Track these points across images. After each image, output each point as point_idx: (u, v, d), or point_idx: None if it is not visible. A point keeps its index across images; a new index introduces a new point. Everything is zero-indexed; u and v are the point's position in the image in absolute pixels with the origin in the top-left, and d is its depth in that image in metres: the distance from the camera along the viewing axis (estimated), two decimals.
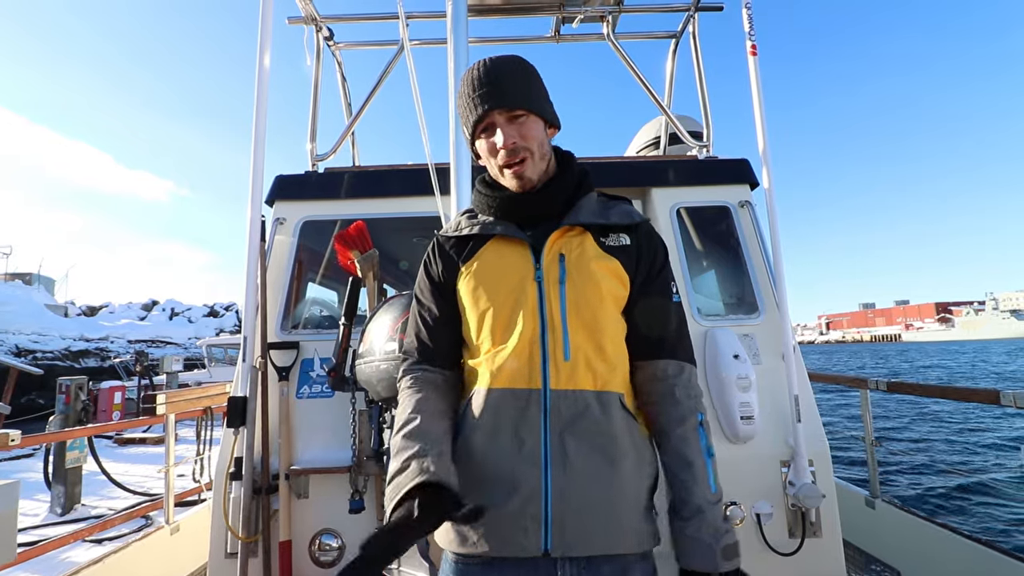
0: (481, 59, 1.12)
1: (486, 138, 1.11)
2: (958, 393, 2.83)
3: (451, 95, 2.17)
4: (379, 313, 1.96)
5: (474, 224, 1.15)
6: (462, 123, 1.16)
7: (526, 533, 0.94)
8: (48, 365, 19.58)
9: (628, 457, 1.00)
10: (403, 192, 2.69)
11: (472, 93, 1.09)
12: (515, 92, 1.08)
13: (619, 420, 1.01)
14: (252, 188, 2.25)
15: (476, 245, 1.13)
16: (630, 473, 1.00)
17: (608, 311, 1.05)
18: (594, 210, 1.13)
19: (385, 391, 1.87)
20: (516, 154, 1.07)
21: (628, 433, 1.02)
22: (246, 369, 2.19)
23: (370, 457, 2.11)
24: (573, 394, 0.99)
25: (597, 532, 0.95)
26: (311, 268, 2.86)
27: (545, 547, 0.93)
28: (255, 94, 2.32)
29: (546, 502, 0.94)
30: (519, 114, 1.08)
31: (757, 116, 2.50)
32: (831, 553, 2.18)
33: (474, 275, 1.09)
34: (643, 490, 1.02)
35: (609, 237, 1.11)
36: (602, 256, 1.07)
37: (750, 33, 2.54)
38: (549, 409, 0.99)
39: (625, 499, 0.98)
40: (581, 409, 0.99)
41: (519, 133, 1.07)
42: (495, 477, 0.98)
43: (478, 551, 0.96)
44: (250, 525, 2.11)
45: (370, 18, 3.27)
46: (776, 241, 2.42)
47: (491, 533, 0.96)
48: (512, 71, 1.10)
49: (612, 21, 3.17)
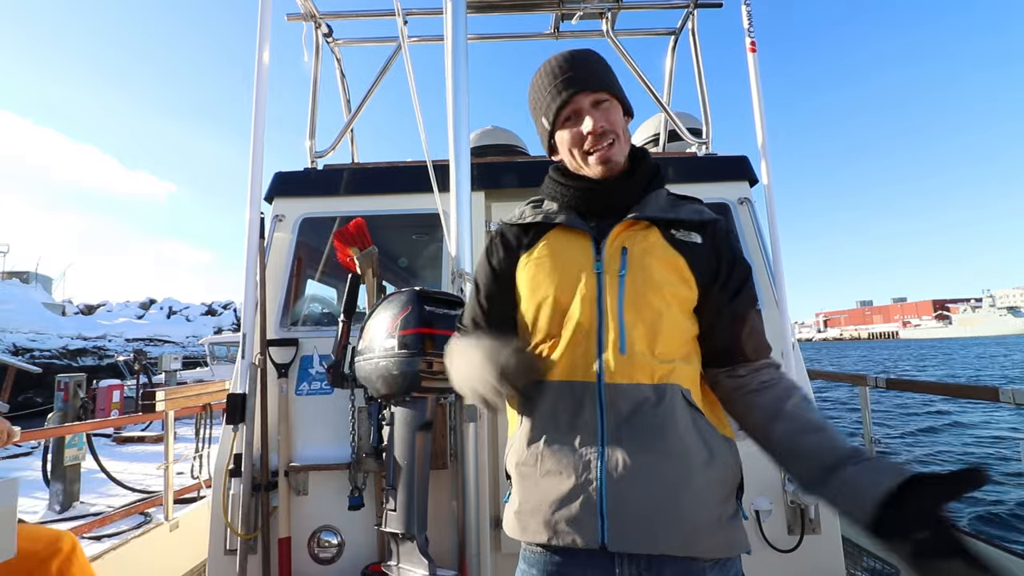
0: (557, 53, 1.12)
1: (570, 127, 1.08)
2: (957, 390, 2.84)
3: (450, 91, 2.17)
4: (378, 310, 1.96)
5: (538, 213, 1.14)
6: (538, 117, 1.13)
7: (582, 525, 0.93)
8: (45, 363, 19.55)
9: (694, 454, 0.95)
10: (402, 189, 2.68)
11: (553, 80, 1.08)
12: (598, 76, 1.08)
13: (682, 414, 0.97)
14: (251, 185, 2.25)
15: (538, 234, 1.12)
16: (697, 471, 0.94)
17: (670, 306, 1.01)
18: (663, 205, 1.09)
19: (384, 388, 1.87)
20: (605, 137, 1.05)
21: (695, 429, 0.97)
22: (245, 366, 2.19)
23: (369, 454, 2.11)
24: (630, 387, 0.97)
25: (658, 530, 0.91)
26: (310, 265, 2.86)
27: (602, 540, 0.91)
28: (254, 91, 2.31)
29: (601, 495, 0.92)
30: (604, 98, 1.07)
31: (756, 113, 2.50)
32: (830, 550, 2.19)
33: (533, 264, 1.08)
34: (717, 491, 0.96)
35: (679, 232, 1.07)
36: (668, 251, 1.04)
37: (749, 30, 2.54)
38: (605, 402, 0.97)
39: (691, 498, 0.92)
40: (638, 402, 0.96)
41: (606, 118, 1.06)
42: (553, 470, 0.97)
43: (538, 540, 0.97)
44: (249, 522, 2.11)
45: (369, 15, 3.26)
46: (775, 238, 2.42)
47: (550, 523, 0.95)
48: (590, 57, 1.10)
49: (611, 18, 3.16)
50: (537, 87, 1.12)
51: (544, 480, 0.98)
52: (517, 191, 2.66)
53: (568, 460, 0.96)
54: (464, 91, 2.17)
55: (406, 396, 1.89)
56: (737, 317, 1.05)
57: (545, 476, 0.98)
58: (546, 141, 1.15)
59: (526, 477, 1.00)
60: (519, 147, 3.87)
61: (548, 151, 1.17)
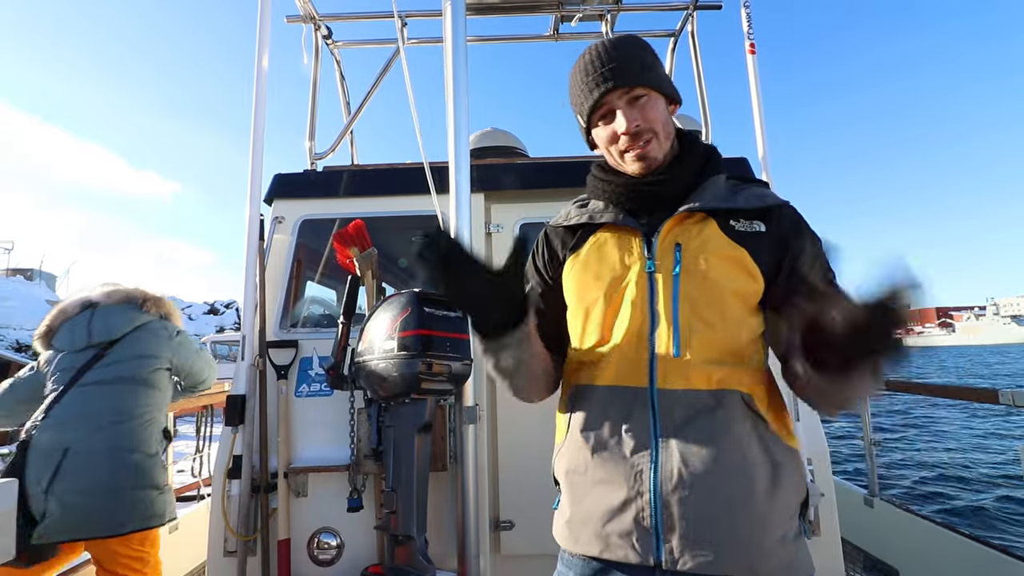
0: (593, 44, 1.03)
1: (604, 125, 1.02)
2: (957, 392, 2.84)
3: (449, 93, 2.17)
4: (378, 312, 1.96)
5: (583, 213, 1.08)
6: (576, 112, 1.06)
7: (636, 541, 0.87)
8: None
9: (756, 465, 0.88)
10: (402, 191, 2.68)
11: (586, 78, 1.00)
12: (633, 69, 0.98)
13: (742, 423, 0.90)
14: (251, 187, 2.25)
15: (584, 235, 1.06)
16: (760, 485, 0.87)
17: (730, 305, 0.93)
18: (720, 194, 1.00)
19: (384, 389, 1.87)
20: (640, 137, 0.98)
21: (757, 439, 0.90)
22: (245, 367, 2.19)
23: (368, 456, 2.11)
24: (685, 394, 0.90)
25: (717, 550, 0.84)
26: (310, 267, 2.86)
27: (657, 557, 0.86)
28: (254, 93, 2.32)
29: (656, 509, 0.87)
30: (640, 93, 0.98)
31: (756, 114, 2.50)
32: (830, 552, 2.18)
33: (580, 266, 1.03)
34: (781, 508, 0.89)
35: (739, 223, 0.97)
36: (727, 245, 0.95)
37: (749, 32, 2.54)
38: (658, 409, 0.91)
39: (752, 516, 0.86)
40: (695, 409, 0.90)
41: (642, 116, 0.98)
42: (604, 479, 0.92)
43: (589, 552, 0.92)
44: (249, 523, 2.11)
45: (368, 17, 3.26)
46: None
47: (601, 535, 0.90)
48: (627, 48, 1.01)
49: (611, 20, 3.17)
50: (573, 82, 1.05)
51: (595, 489, 0.93)
52: (517, 193, 2.66)
53: (619, 469, 0.91)
54: (464, 93, 2.17)
55: (406, 398, 1.89)
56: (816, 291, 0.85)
57: (596, 485, 0.93)
58: (584, 137, 1.09)
59: (576, 486, 0.96)
60: (519, 149, 3.87)
61: (588, 146, 1.11)
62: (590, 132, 1.06)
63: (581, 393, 1.00)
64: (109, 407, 1.99)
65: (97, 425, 1.95)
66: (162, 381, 2.17)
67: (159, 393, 2.14)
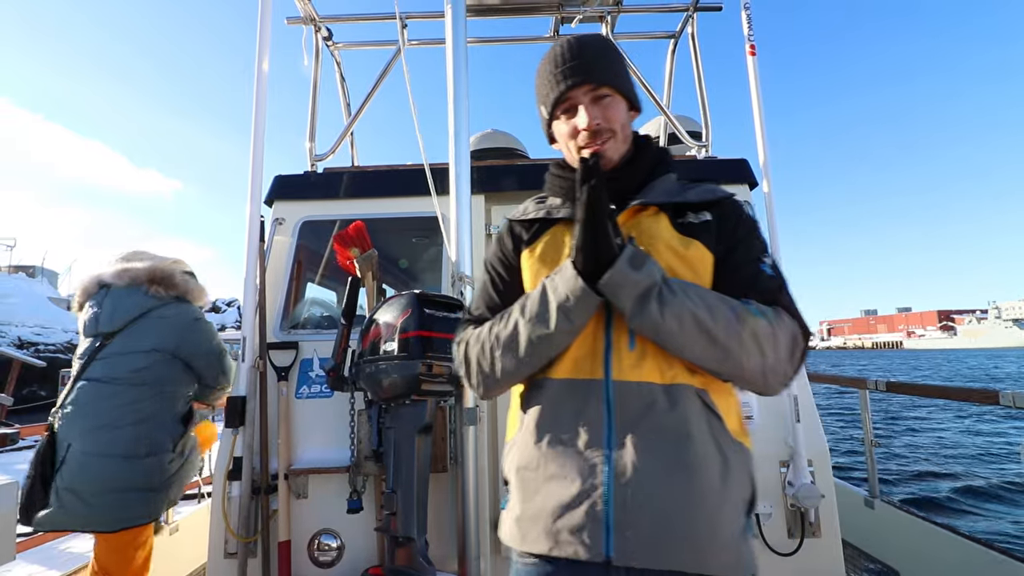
0: (564, 37, 1.07)
1: (566, 120, 1.04)
2: (957, 393, 2.83)
3: (450, 95, 2.17)
4: (378, 313, 1.96)
5: (541, 208, 1.11)
6: (539, 103, 1.09)
7: (587, 536, 0.86)
8: (50, 357, 19.52)
9: (709, 461, 0.89)
10: (402, 192, 2.68)
11: (554, 69, 1.02)
12: (601, 68, 1.02)
13: (696, 418, 0.90)
14: (251, 188, 2.25)
15: (541, 229, 1.09)
16: (712, 481, 0.88)
17: None
18: (669, 189, 1.04)
19: (384, 391, 1.87)
20: (599, 135, 1.01)
21: (710, 434, 0.90)
22: (245, 369, 2.19)
23: (369, 457, 2.11)
24: (639, 386, 0.91)
25: (668, 544, 0.84)
26: (310, 268, 2.86)
27: (607, 553, 0.85)
28: (254, 94, 2.32)
29: (608, 503, 0.86)
30: (605, 93, 1.02)
31: (756, 116, 2.50)
32: (830, 553, 2.18)
33: (537, 260, 1.05)
34: (731, 504, 0.90)
35: (688, 216, 1.00)
36: (677, 238, 0.98)
37: (749, 34, 2.54)
38: (613, 402, 0.91)
39: (704, 511, 0.86)
40: (648, 403, 0.90)
41: (603, 115, 1.01)
42: (556, 474, 0.91)
43: (537, 550, 0.91)
44: (249, 525, 2.11)
45: (369, 18, 3.27)
46: (775, 241, 2.42)
47: (551, 532, 0.89)
48: (597, 47, 1.04)
49: (611, 21, 3.17)
50: (540, 73, 1.07)
51: (547, 485, 0.92)
52: (517, 194, 2.66)
53: (573, 464, 0.90)
54: (464, 94, 2.17)
55: (406, 399, 1.89)
56: (731, 279, 0.96)
57: (548, 481, 0.92)
58: (545, 129, 1.12)
59: (527, 482, 0.95)
60: (519, 150, 3.87)
61: (548, 139, 1.14)
62: (551, 124, 1.09)
63: (536, 387, 1.00)
64: (104, 407, 2.00)
65: (93, 425, 1.97)
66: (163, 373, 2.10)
67: (157, 388, 2.08)
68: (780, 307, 0.94)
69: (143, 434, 2.02)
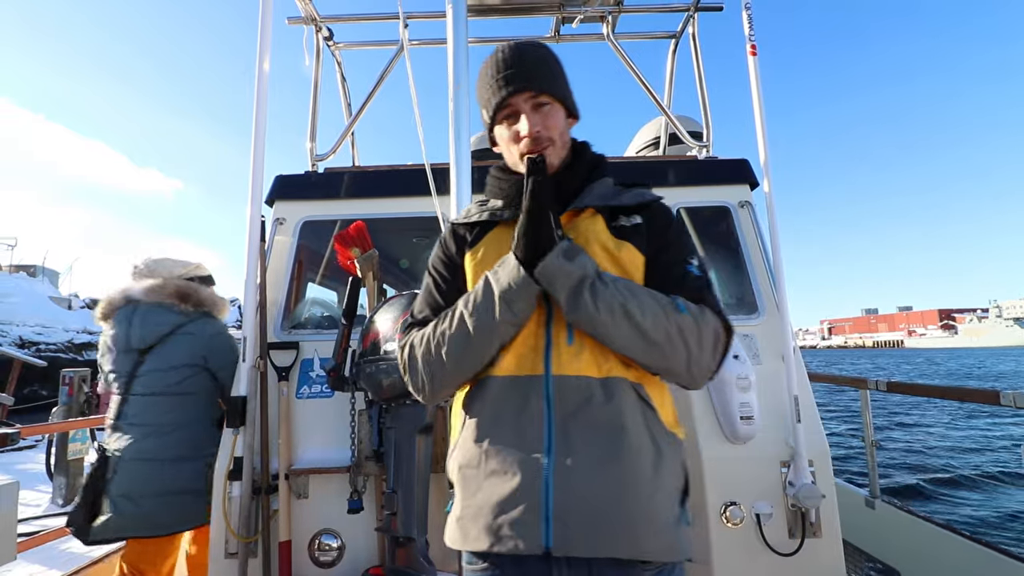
0: (505, 43, 1.10)
1: (508, 125, 1.08)
2: (957, 393, 2.83)
3: (451, 95, 2.17)
4: (379, 313, 1.96)
5: (483, 211, 1.14)
6: (481, 106, 1.12)
7: (526, 528, 0.88)
8: (51, 357, 19.49)
9: (643, 452, 0.92)
10: (403, 192, 2.68)
11: (496, 75, 1.05)
12: (541, 77, 1.05)
13: (631, 410, 0.94)
14: (252, 188, 2.25)
15: (482, 231, 1.12)
16: (645, 470, 0.91)
17: None
18: (605, 193, 1.09)
19: (385, 391, 1.87)
20: (539, 143, 1.05)
21: (644, 426, 0.94)
22: (246, 369, 2.19)
23: (369, 457, 2.11)
24: (576, 380, 0.94)
25: (603, 533, 0.87)
26: (311, 268, 2.86)
27: (546, 544, 0.87)
28: (255, 94, 2.32)
29: (547, 495, 0.89)
30: (544, 101, 1.05)
31: (757, 116, 2.50)
32: (831, 553, 2.18)
33: (479, 262, 1.08)
34: (665, 492, 0.94)
35: (620, 219, 1.06)
36: (612, 240, 1.03)
37: (750, 34, 2.54)
38: (552, 396, 0.94)
39: (638, 499, 0.90)
40: (586, 396, 0.93)
41: (543, 122, 1.05)
42: (497, 470, 0.93)
43: (478, 548, 0.93)
44: (250, 525, 2.11)
45: (370, 18, 3.26)
46: (776, 241, 2.42)
47: (492, 528, 0.90)
48: (538, 56, 1.07)
49: (612, 21, 3.17)
50: (482, 77, 1.10)
51: (487, 482, 0.94)
52: None
53: (513, 459, 0.92)
54: (465, 94, 2.17)
55: (406, 399, 1.89)
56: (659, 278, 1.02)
57: (489, 477, 0.94)
58: (487, 133, 1.15)
59: (469, 480, 0.97)
60: None
61: (489, 142, 1.16)
62: (492, 129, 1.12)
63: (480, 386, 1.02)
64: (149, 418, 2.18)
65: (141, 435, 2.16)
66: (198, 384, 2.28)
67: (194, 397, 2.26)
68: (705, 305, 0.99)
69: (186, 438, 2.19)
